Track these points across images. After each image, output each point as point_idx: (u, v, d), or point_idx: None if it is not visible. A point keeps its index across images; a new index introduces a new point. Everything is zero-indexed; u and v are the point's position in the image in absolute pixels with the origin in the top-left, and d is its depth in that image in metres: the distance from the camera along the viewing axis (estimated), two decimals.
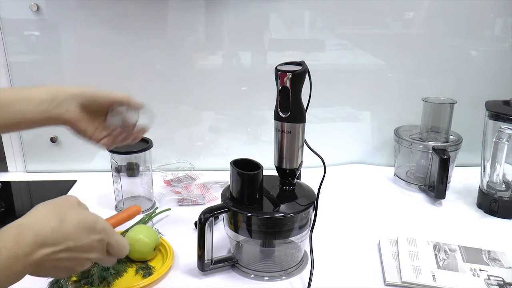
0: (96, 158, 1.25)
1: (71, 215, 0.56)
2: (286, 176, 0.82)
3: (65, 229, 0.54)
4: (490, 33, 1.20)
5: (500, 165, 0.99)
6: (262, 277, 0.80)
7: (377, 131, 1.29)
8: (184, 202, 1.06)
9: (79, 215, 0.57)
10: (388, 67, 1.22)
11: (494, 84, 1.21)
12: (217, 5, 1.13)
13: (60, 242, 0.53)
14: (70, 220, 0.55)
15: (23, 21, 1.12)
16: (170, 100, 1.22)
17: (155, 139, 1.03)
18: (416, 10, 1.18)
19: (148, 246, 0.82)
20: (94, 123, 0.74)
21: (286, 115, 0.78)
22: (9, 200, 1.13)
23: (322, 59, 1.21)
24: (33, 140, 1.24)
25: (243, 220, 0.77)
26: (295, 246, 0.83)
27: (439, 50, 1.20)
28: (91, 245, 0.56)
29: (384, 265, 0.82)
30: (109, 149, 0.82)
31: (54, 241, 0.53)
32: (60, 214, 0.55)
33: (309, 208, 0.78)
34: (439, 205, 1.07)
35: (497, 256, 0.84)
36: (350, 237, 0.93)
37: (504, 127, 0.97)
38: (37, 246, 0.51)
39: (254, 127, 1.26)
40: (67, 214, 0.56)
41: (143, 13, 1.13)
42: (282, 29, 1.18)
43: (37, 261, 0.51)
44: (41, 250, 0.51)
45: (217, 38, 1.18)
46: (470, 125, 1.15)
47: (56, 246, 0.53)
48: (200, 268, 0.78)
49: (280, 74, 0.76)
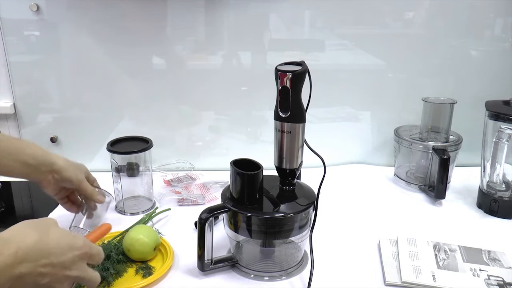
0: (96, 158, 1.25)
1: (52, 231, 0.57)
2: (286, 176, 0.82)
3: (47, 244, 0.55)
4: (490, 33, 1.20)
5: (500, 165, 0.99)
6: (262, 277, 0.80)
7: (377, 131, 1.29)
8: (184, 202, 1.06)
9: (59, 231, 0.58)
10: (388, 67, 1.22)
11: (494, 84, 1.21)
12: (217, 5, 1.13)
13: (42, 256, 0.53)
14: (52, 235, 0.56)
15: (23, 21, 1.12)
16: (170, 100, 1.22)
17: (155, 139, 1.03)
18: (416, 10, 1.18)
19: (148, 246, 0.82)
20: (61, 192, 0.90)
21: (286, 115, 0.77)
22: (9, 200, 1.13)
23: (322, 59, 1.21)
24: (33, 140, 1.23)
25: (243, 220, 0.77)
26: (295, 246, 0.83)
27: (439, 50, 1.20)
28: (72, 261, 0.57)
29: (384, 265, 0.82)
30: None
31: (36, 256, 0.53)
32: (41, 230, 0.56)
33: (309, 208, 0.78)
34: (439, 205, 1.07)
35: (497, 256, 0.84)
36: (350, 237, 0.93)
37: (504, 127, 0.97)
38: (19, 260, 0.51)
39: (254, 127, 1.26)
40: (48, 230, 0.57)
41: (143, 13, 1.13)
42: (282, 29, 1.18)
43: (18, 275, 0.51)
44: (23, 264, 0.51)
45: (217, 38, 1.18)
46: (470, 125, 1.15)
47: (38, 261, 0.53)
48: (200, 268, 0.78)
49: (280, 74, 0.76)
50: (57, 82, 1.21)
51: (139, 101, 1.23)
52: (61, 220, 0.97)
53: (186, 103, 1.23)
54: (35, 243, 0.53)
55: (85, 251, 0.59)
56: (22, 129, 1.22)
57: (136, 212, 1.02)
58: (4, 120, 1.21)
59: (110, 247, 0.82)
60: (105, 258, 0.78)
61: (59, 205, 1.06)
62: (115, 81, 1.20)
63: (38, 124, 1.23)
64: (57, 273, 0.55)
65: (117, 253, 0.82)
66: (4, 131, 1.22)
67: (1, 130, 1.22)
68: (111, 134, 1.20)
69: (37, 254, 0.53)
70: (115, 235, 0.88)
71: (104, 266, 0.77)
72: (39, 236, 0.54)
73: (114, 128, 1.22)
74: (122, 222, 0.96)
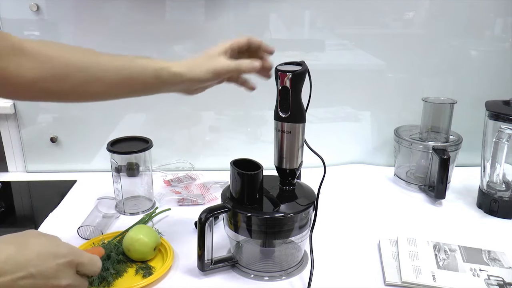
0: (96, 158, 1.25)
1: (32, 242, 0.55)
2: (286, 176, 0.82)
3: (25, 256, 0.53)
4: (490, 33, 1.20)
5: (500, 165, 0.99)
6: (262, 277, 0.80)
7: (377, 131, 1.29)
8: (184, 202, 1.06)
9: (40, 241, 0.56)
10: (388, 67, 1.22)
11: (494, 84, 1.21)
12: (217, 5, 1.13)
13: (19, 269, 0.52)
14: (31, 246, 0.55)
15: (23, 21, 1.12)
16: (170, 100, 1.21)
17: (155, 139, 1.03)
18: (416, 10, 1.18)
19: (148, 246, 0.82)
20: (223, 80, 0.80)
21: (286, 115, 0.77)
22: (9, 200, 1.13)
23: (322, 59, 1.20)
24: (33, 140, 1.24)
25: (243, 220, 0.77)
26: (295, 246, 0.83)
27: (439, 50, 1.20)
28: (58, 270, 0.55)
29: (384, 265, 0.82)
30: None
31: (13, 268, 0.52)
32: (18, 242, 0.55)
33: (309, 208, 0.78)
34: (439, 205, 1.07)
35: (497, 256, 0.84)
36: (350, 237, 0.93)
37: (504, 127, 0.97)
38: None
39: (254, 127, 1.26)
40: (27, 241, 0.55)
41: (143, 13, 1.13)
42: (282, 29, 1.18)
43: None
44: (0, 278, 0.51)
45: (217, 38, 1.17)
46: (470, 125, 1.15)
47: (15, 273, 0.52)
48: (200, 268, 0.78)
49: (280, 74, 0.76)
50: None
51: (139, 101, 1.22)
52: (64, 220, 0.98)
53: (186, 103, 1.23)
54: (9, 256, 0.52)
55: (70, 259, 0.56)
56: (22, 129, 1.22)
57: (136, 212, 1.02)
58: (4, 120, 1.21)
59: (110, 247, 0.83)
60: (105, 258, 0.79)
61: (59, 204, 1.06)
62: None
63: (38, 124, 1.23)
64: (42, 284, 0.53)
65: (117, 253, 0.82)
66: (4, 131, 1.22)
67: (1, 130, 1.22)
68: (111, 134, 1.20)
69: (13, 267, 0.52)
70: (115, 235, 0.88)
71: (104, 266, 0.77)
72: (16, 249, 0.53)
73: (114, 128, 1.22)
74: (122, 222, 0.96)
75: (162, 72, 0.71)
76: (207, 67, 0.72)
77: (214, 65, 0.72)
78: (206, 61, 0.73)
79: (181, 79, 0.72)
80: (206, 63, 0.73)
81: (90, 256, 0.60)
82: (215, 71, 0.72)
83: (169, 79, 0.72)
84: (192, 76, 0.72)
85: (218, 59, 0.73)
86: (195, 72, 0.72)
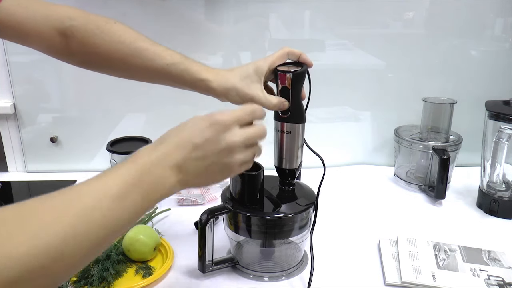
0: (96, 158, 1.25)
1: (187, 124, 0.64)
2: (286, 176, 0.82)
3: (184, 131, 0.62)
4: (490, 33, 1.20)
5: (500, 165, 0.99)
6: (262, 277, 0.80)
7: (377, 131, 1.29)
8: (184, 202, 1.06)
9: (194, 119, 0.65)
10: (388, 67, 1.22)
11: (494, 84, 1.21)
12: (217, 5, 1.13)
13: (184, 145, 0.59)
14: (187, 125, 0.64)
15: None
16: (170, 100, 1.22)
17: (155, 139, 1.02)
18: (416, 10, 1.18)
19: (148, 246, 0.82)
20: None
21: (286, 115, 0.77)
22: (9, 200, 1.13)
23: (322, 59, 1.20)
24: (33, 140, 1.24)
25: (243, 221, 0.77)
26: (295, 246, 0.83)
27: (439, 50, 1.20)
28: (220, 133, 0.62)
29: (384, 265, 0.82)
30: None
31: (180, 146, 0.59)
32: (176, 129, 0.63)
33: (309, 208, 0.78)
34: (439, 205, 1.07)
35: (497, 256, 0.84)
36: (350, 237, 0.93)
37: (504, 127, 0.97)
38: (178, 147, 0.58)
39: None
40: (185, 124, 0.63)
41: (143, 12, 1.13)
42: (282, 29, 1.18)
43: (177, 163, 0.56)
44: (180, 150, 0.57)
45: (217, 38, 1.18)
46: (470, 125, 1.15)
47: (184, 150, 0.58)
48: (200, 269, 0.78)
49: (280, 74, 0.76)
50: (57, 82, 1.21)
51: (139, 101, 1.23)
52: None
53: (186, 103, 1.23)
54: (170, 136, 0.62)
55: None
56: (22, 129, 1.22)
57: None
58: (4, 120, 1.21)
59: (110, 247, 0.82)
60: (105, 258, 0.79)
61: None
62: (115, 80, 1.19)
63: (38, 124, 1.23)
64: (220, 157, 0.60)
65: (117, 253, 0.82)
66: (4, 131, 1.22)
67: (1, 130, 1.22)
68: (111, 134, 1.20)
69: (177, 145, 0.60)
70: None
71: (104, 266, 0.77)
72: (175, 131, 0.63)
73: (114, 128, 1.22)
74: None
75: (200, 84, 0.76)
76: (242, 94, 0.74)
77: (248, 93, 0.75)
78: (243, 83, 0.75)
79: (214, 95, 0.77)
80: (242, 88, 0.75)
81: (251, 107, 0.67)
82: (245, 100, 0.75)
83: (204, 92, 0.77)
84: (225, 99, 0.76)
85: (254, 87, 0.75)
86: (230, 96, 0.75)
